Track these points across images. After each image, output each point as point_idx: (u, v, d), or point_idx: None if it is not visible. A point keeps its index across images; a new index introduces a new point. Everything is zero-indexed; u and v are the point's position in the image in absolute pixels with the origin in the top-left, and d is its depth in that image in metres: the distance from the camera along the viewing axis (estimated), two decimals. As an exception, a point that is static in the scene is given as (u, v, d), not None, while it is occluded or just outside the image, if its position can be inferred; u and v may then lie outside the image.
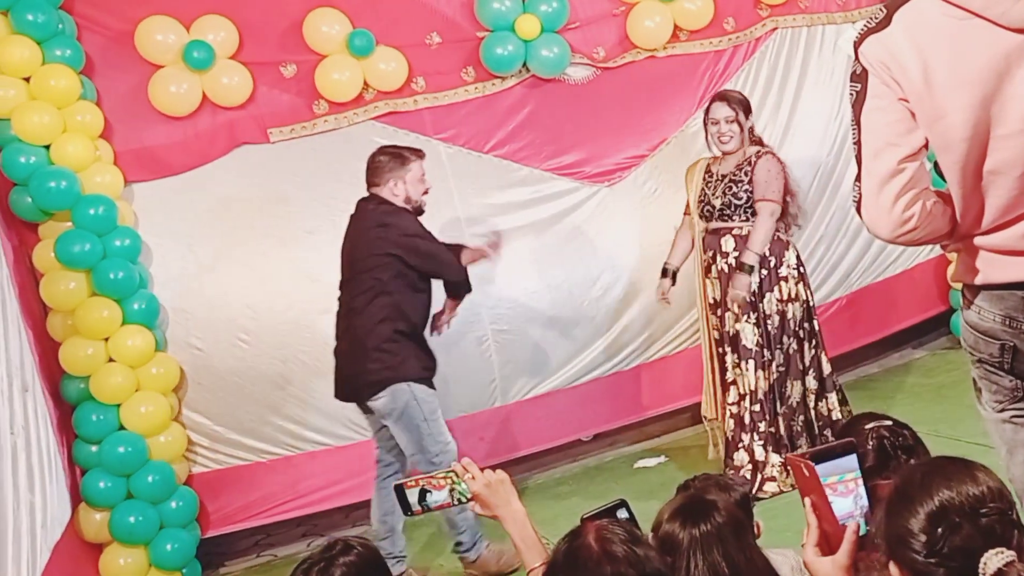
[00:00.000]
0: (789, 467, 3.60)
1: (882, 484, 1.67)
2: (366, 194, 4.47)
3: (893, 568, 1.48)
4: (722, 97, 4.86)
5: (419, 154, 4.52)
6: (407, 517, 2.31)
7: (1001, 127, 2.01)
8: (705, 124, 4.88)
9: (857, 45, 2.12)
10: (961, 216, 2.15)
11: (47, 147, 4.60)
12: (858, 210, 2.21)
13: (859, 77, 2.14)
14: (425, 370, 4.41)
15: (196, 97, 4.98)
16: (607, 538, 1.76)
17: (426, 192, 4.50)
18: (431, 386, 4.40)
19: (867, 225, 2.22)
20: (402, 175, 4.41)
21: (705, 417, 5.07)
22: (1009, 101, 1.99)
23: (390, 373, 4.29)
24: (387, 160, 4.44)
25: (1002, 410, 2.25)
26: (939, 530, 1.40)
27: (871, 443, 2.27)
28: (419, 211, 4.47)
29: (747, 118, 4.81)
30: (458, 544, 4.50)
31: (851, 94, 2.16)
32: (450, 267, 4.48)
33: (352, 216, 4.50)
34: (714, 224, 4.82)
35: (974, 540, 1.38)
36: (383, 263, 4.31)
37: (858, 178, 2.19)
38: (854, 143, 2.18)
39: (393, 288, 4.32)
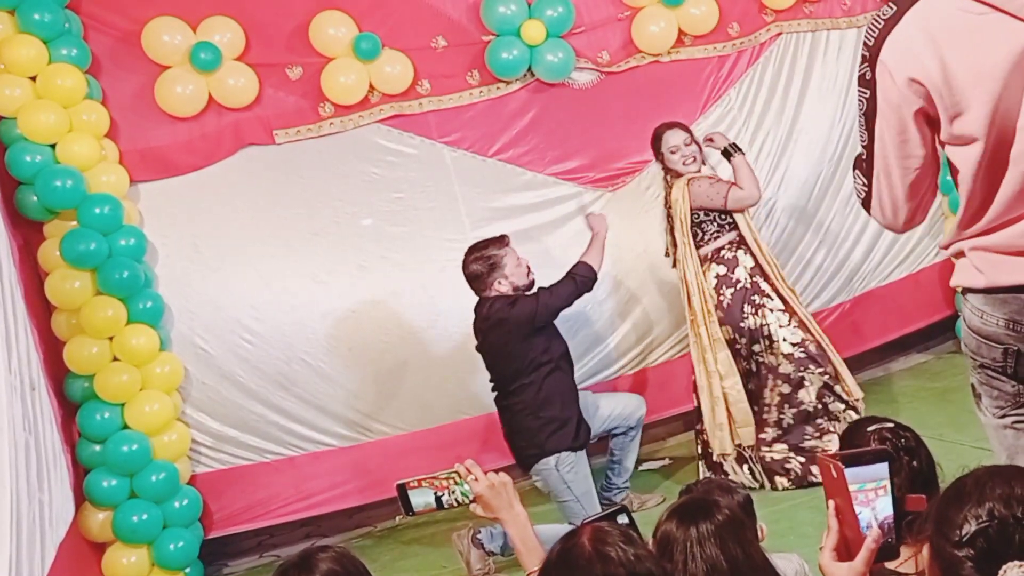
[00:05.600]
0: (818, 467, 3.58)
1: (911, 498, 1.67)
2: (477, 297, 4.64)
3: (926, 551, 1.50)
4: (670, 126, 4.95)
5: (504, 243, 4.62)
6: (408, 517, 2.31)
7: (1020, 119, 2.00)
8: (661, 156, 4.94)
9: (868, 47, 2.10)
10: (964, 208, 2.15)
11: (53, 146, 4.61)
12: (864, 205, 2.25)
13: (868, 83, 2.12)
14: None
15: (202, 98, 5.00)
16: (601, 539, 1.78)
17: (529, 271, 4.62)
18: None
19: (877, 221, 2.28)
20: (501, 274, 4.54)
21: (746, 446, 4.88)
22: None
23: None
24: (479, 268, 4.55)
25: (1003, 415, 2.23)
26: (977, 527, 1.40)
27: (873, 445, 2.27)
28: (529, 287, 4.61)
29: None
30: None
31: (860, 101, 2.15)
32: (581, 288, 4.66)
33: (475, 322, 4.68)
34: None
35: (1004, 546, 1.38)
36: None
37: (862, 172, 2.21)
38: (863, 144, 2.19)
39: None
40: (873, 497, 1.62)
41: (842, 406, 4.80)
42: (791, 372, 4.77)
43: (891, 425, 2.38)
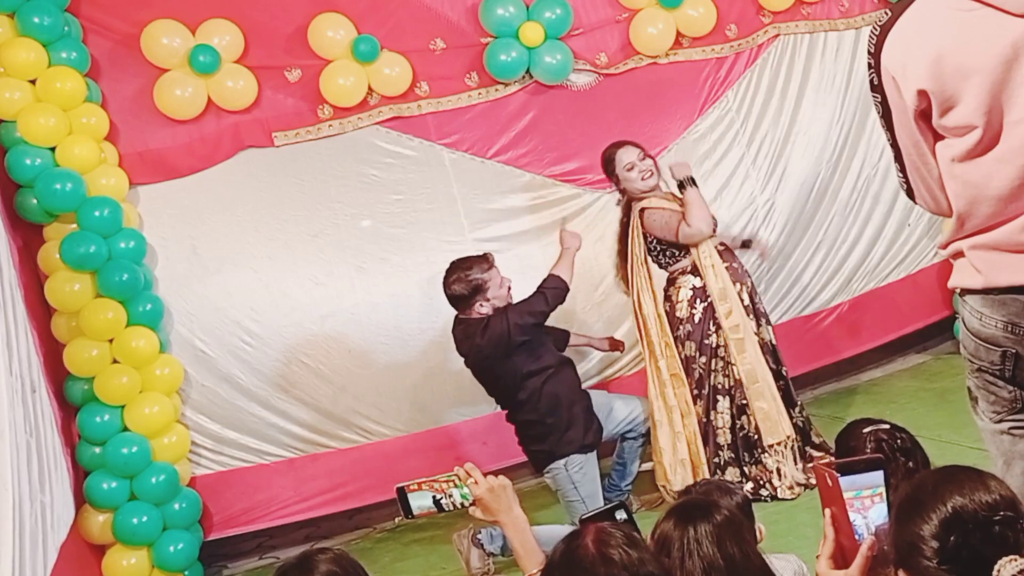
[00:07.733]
0: (814, 475, 3.55)
1: None
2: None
3: (902, 574, 1.49)
4: (620, 144, 4.83)
5: (489, 263, 4.55)
6: (408, 519, 2.32)
7: (1011, 114, 2.01)
8: (615, 177, 4.81)
9: (871, 54, 2.12)
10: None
11: (53, 149, 4.62)
12: (909, 196, 2.29)
13: (877, 88, 2.15)
14: None
15: (201, 100, 5.01)
16: (604, 540, 1.79)
17: (509, 287, 4.56)
18: None
19: (923, 209, 2.30)
20: (483, 297, 4.48)
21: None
22: (1018, 88, 1.98)
23: None
24: (461, 289, 4.49)
25: (1000, 421, 2.21)
26: (952, 537, 1.40)
27: (869, 446, 2.28)
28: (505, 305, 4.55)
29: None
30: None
31: (876, 106, 2.18)
32: (552, 301, 4.57)
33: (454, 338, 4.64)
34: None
35: (987, 547, 1.38)
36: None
37: (899, 166, 2.24)
38: (889, 143, 2.21)
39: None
40: (869, 505, 1.63)
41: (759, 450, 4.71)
42: (739, 398, 4.70)
43: (886, 427, 2.39)
